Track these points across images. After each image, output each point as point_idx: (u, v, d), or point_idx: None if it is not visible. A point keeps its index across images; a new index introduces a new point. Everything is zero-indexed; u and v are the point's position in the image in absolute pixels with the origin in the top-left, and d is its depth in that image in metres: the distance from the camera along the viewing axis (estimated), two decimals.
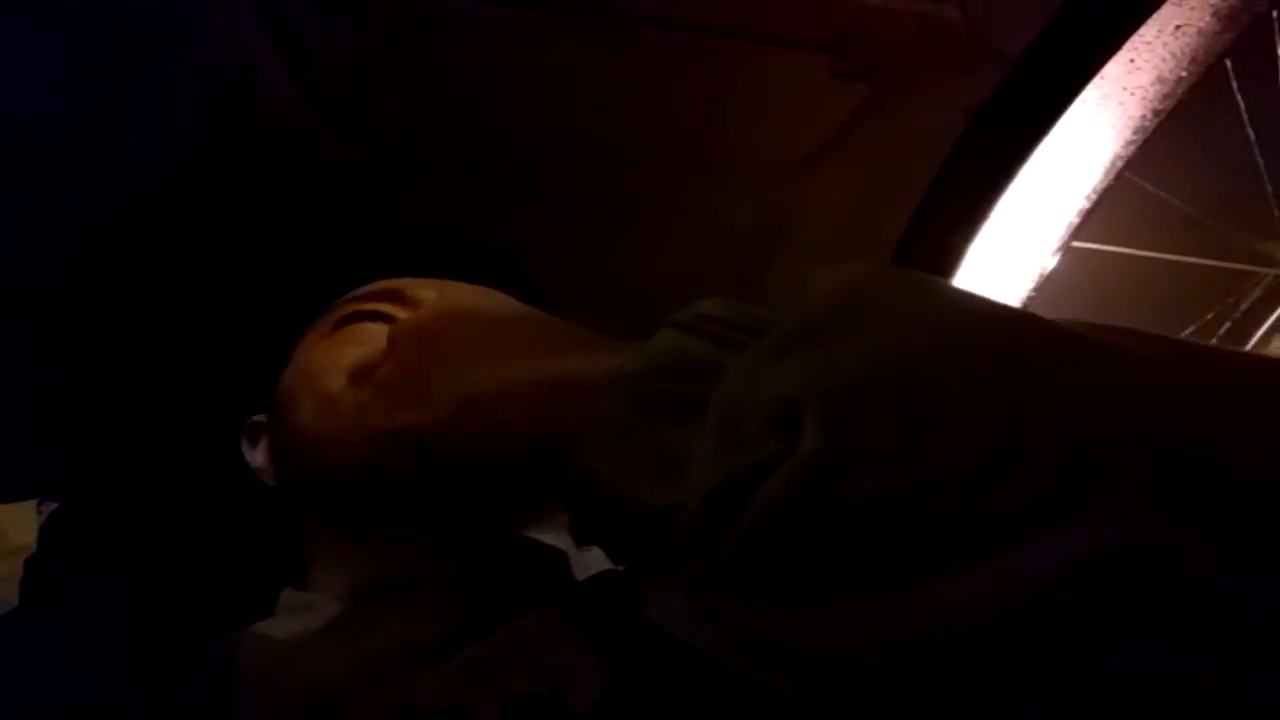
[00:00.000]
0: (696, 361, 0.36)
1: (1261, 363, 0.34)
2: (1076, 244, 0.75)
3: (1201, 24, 0.66)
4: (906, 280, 0.36)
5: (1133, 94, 0.69)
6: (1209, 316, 0.80)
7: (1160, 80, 0.69)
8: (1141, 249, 0.76)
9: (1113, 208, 0.74)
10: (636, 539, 0.36)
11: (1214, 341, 0.80)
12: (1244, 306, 0.80)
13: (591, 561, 0.47)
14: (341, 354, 0.56)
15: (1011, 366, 0.30)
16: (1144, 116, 0.70)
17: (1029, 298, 0.78)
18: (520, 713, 0.38)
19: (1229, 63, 0.69)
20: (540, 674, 0.39)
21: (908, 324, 0.32)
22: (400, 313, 0.59)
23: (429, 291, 0.60)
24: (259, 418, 0.64)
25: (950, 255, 0.74)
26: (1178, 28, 0.66)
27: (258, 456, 0.63)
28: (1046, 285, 0.77)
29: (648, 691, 0.39)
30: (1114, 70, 0.67)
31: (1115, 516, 0.26)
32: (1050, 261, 0.76)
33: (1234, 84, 0.71)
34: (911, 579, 0.27)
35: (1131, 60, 0.67)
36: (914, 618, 0.27)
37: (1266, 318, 0.82)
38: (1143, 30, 0.65)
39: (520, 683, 0.39)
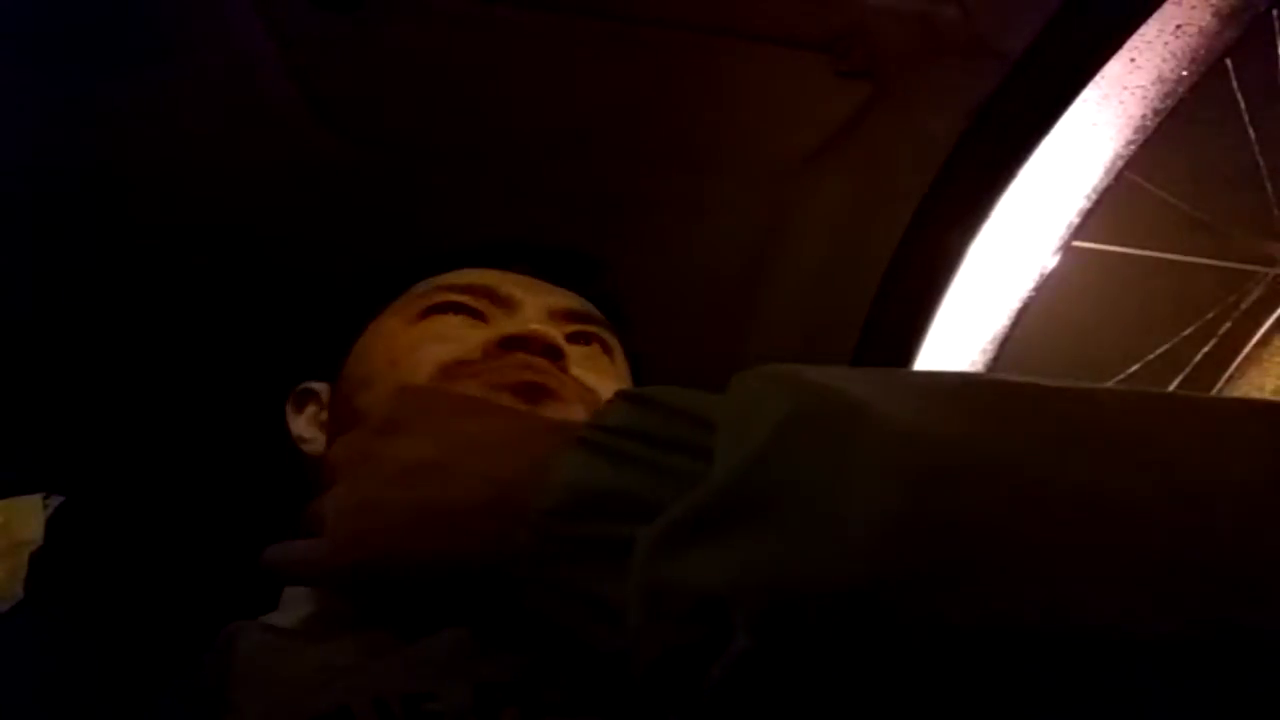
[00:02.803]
0: (607, 494, 0.34)
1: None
2: (1076, 244, 0.75)
3: (1202, 23, 0.66)
4: (837, 429, 0.29)
5: (1133, 93, 0.69)
6: (1209, 316, 0.80)
7: (1161, 79, 0.69)
8: (1141, 249, 0.76)
9: (1113, 207, 0.74)
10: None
11: (1214, 342, 0.80)
12: (1244, 306, 0.80)
13: None
14: (431, 349, 0.57)
15: (963, 564, 0.26)
16: (1144, 116, 0.70)
17: (1028, 297, 0.78)
18: (492, 700, 0.40)
19: (1229, 62, 0.69)
20: (512, 665, 0.41)
21: (841, 507, 0.27)
22: (491, 310, 0.60)
23: (519, 291, 0.61)
24: (314, 385, 0.64)
25: (950, 255, 0.74)
26: (1178, 27, 0.66)
27: (301, 424, 0.63)
28: (1046, 285, 0.77)
29: (542, 689, 0.40)
30: (1114, 69, 0.67)
31: None
32: (1050, 261, 0.76)
33: (1234, 83, 0.71)
34: None
35: (1132, 59, 0.67)
36: None
37: (1267, 317, 0.82)
38: (1143, 29, 0.65)
39: (492, 672, 0.41)
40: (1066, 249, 0.76)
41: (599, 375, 0.60)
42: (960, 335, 0.80)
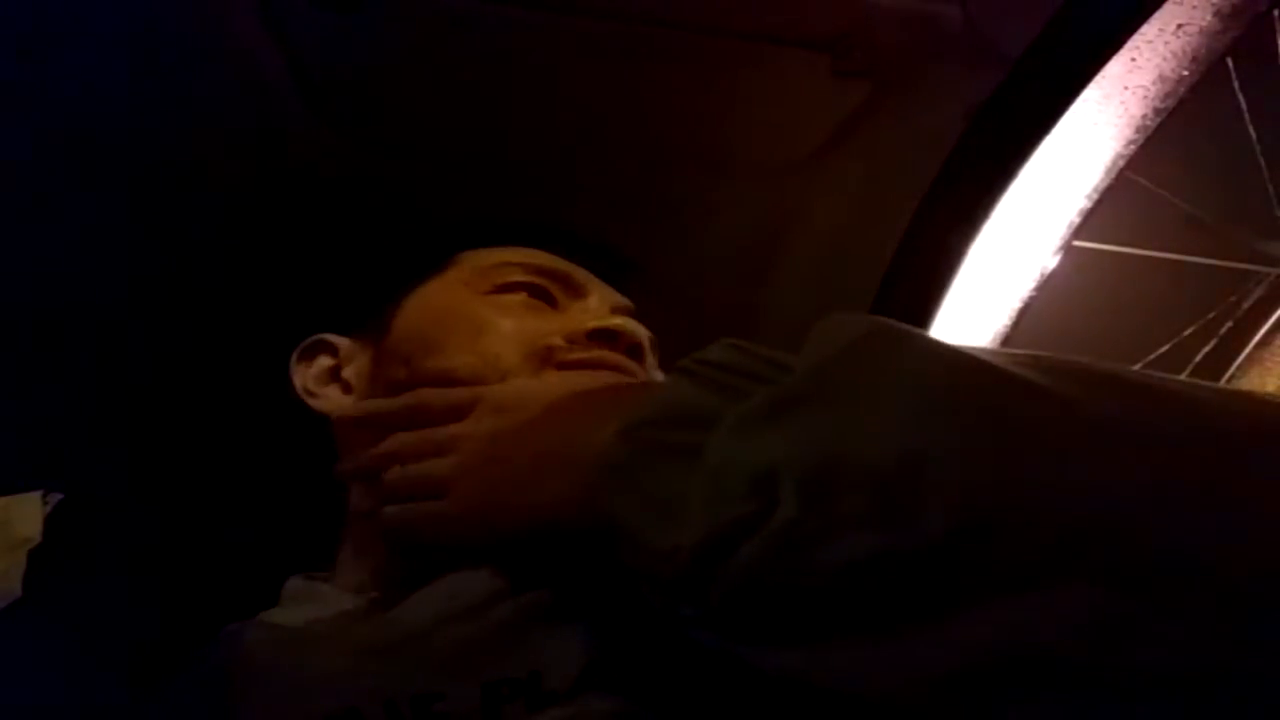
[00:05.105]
0: (696, 409, 0.38)
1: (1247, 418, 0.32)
2: (1077, 244, 0.75)
3: (1203, 23, 0.66)
4: (901, 345, 0.35)
5: (1134, 93, 0.69)
6: (1210, 316, 0.80)
7: (1161, 79, 0.68)
8: (1142, 249, 0.76)
9: (1113, 207, 0.73)
10: (650, 575, 0.37)
11: (1214, 342, 0.80)
12: (1245, 306, 0.80)
13: None
14: (513, 327, 0.56)
15: (992, 438, 0.30)
16: (1145, 115, 0.70)
17: (1029, 298, 0.78)
18: (498, 697, 0.40)
19: (1230, 61, 0.69)
20: (521, 661, 0.42)
21: (891, 397, 0.32)
22: (561, 297, 0.60)
23: (587, 282, 0.62)
24: (330, 338, 0.61)
25: (950, 255, 0.74)
26: (1179, 26, 0.66)
27: (309, 377, 0.60)
28: (1046, 285, 0.76)
29: (625, 672, 0.41)
30: (1115, 69, 0.67)
31: (1096, 588, 0.27)
32: (1050, 261, 0.76)
33: (1235, 83, 0.71)
34: (911, 623, 0.29)
35: (1133, 59, 0.67)
36: (934, 654, 0.29)
37: (1268, 317, 0.81)
38: (1144, 29, 0.65)
39: (499, 669, 0.41)
40: (1066, 249, 0.75)
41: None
42: (960, 335, 0.79)
